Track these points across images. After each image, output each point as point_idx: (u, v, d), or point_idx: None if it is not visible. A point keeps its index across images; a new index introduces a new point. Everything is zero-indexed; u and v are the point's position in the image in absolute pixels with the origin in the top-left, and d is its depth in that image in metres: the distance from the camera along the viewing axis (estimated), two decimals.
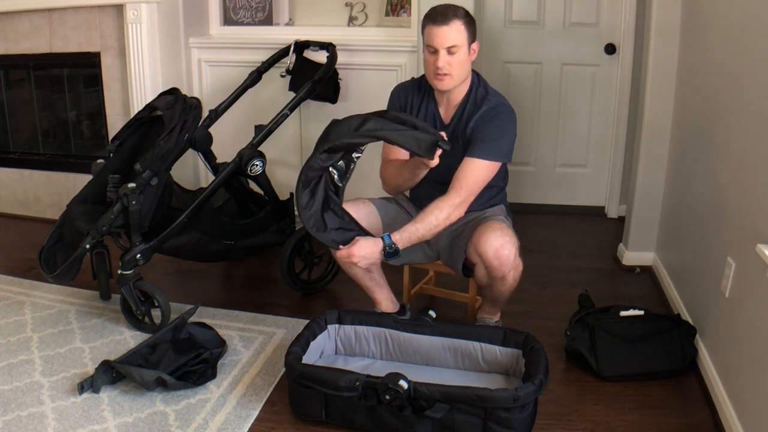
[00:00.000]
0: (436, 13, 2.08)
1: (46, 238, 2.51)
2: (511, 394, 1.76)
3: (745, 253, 1.81)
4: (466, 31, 2.07)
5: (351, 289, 2.46)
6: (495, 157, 2.09)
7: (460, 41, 2.06)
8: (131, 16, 3.12)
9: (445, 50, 2.05)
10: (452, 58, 2.06)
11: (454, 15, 2.06)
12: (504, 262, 2.06)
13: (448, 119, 2.19)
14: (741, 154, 1.94)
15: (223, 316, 2.56)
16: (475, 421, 1.79)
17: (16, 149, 3.76)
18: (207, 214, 2.52)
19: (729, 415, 1.84)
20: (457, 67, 2.08)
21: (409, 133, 1.99)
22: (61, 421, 1.92)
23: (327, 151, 2.02)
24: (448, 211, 2.07)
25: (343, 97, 3.11)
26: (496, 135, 2.08)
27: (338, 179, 2.11)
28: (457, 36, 2.05)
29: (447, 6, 2.09)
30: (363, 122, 2.02)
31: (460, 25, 2.06)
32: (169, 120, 2.38)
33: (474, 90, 2.17)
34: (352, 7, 3.48)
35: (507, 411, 1.77)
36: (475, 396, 1.76)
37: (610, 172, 3.66)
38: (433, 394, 1.79)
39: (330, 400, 1.88)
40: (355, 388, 1.83)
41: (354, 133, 2.00)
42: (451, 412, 1.79)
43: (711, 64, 2.28)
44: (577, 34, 3.51)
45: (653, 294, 2.76)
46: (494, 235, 2.07)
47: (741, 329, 1.86)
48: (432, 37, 2.07)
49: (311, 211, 2.06)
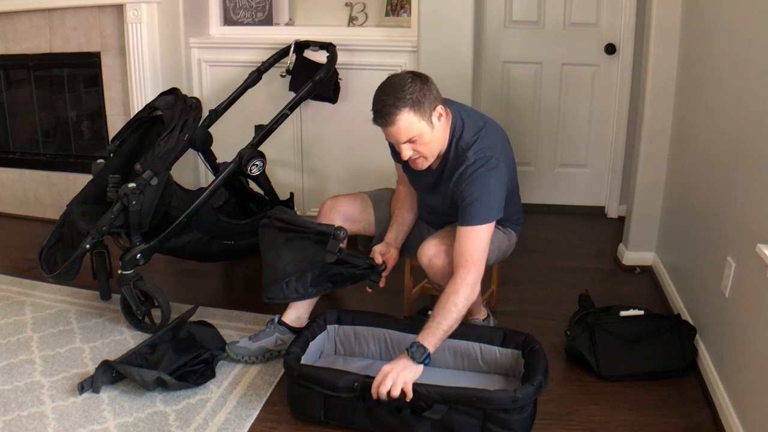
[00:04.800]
0: (377, 114, 1.88)
1: (46, 238, 2.52)
2: (509, 395, 1.76)
3: (745, 253, 1.82)
4: (417, 116, 1.86)
5: (351, 289, 2.46)
6: (486, 218, 1.94)
7: (415, 131, 1.87)
8: (131, 16, 3.12)
9: (405, 143, 1.91)
10: (416, 145, 1.91)
11: (395, 108, 1.84)
12: (437, 271, 2.01)
13: (434, 166, 2.06)
14: (741, 153, 1.93)
15: (223, 316, 2.56)
16: (473, 422, 1.78)
17: (16, 149, 3.76)
18: (207, 214, 2.52)
19: (729, 415, 1.84)
20: (425, 148, 1.93)
21: (307, 251, 2.12)
22: (61, 421, 1.92)
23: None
24: (465, 293, 1.88)
25: (343, 97, 3.11)
26: (479, 195, 1.93)
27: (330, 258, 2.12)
28: (410, 128, 1.86)
29: (386, 97, 1.86)
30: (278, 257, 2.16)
31: (407, 114, 1.85)
32: (169, 120, 2.38)
33: (455, 142, 2.00)
34: (352, 7, 3.48)
35: (506, 412, 1.77)
36: (473, 397, 1.76)
37: (610, 172, 3.66)
38: (431, 394, 1.79)
39: (329, 400, 1.88)
40: (353, 389, 1.83)
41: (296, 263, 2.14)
42: (449, 413, 1.78)
43: (711, 64, 2.28)
44: (577, 34, 3.51)
45: (653, 294, 2.76)
46: (431, 243, 2.05)
47: (741, 329, 1.86)
48: (386, 136, 1.94)
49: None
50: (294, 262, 2.13)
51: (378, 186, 2.52)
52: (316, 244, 2.12)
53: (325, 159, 3.34)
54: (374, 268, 2.17)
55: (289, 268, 2.13)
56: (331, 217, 2.27)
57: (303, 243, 2.14)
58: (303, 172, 3.38)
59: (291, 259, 2.14)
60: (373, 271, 2.17)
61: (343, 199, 2.32)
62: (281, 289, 2.17)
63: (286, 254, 2.15)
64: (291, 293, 2.19)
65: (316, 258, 2.11)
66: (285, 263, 2.14)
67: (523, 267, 2.97)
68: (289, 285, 2.17)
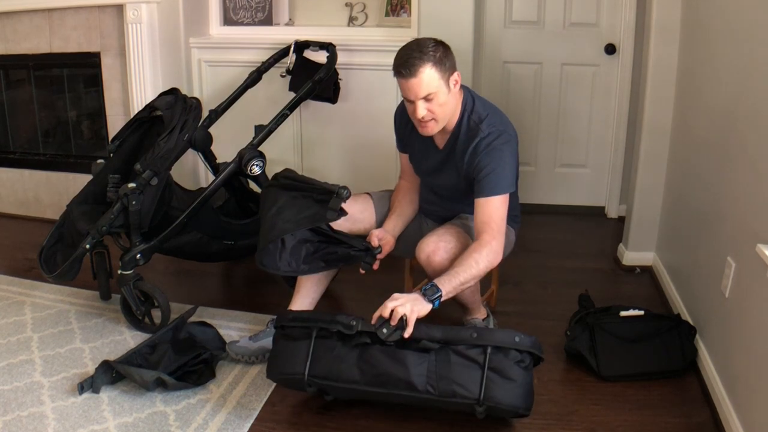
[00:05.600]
0: (401, 64, 1.91)
1: (46, 238, 2.51)
2: (512, 332, 1.76)
3: (745, 253, 1.81)
4: (438, 73, 1.90)
5: (352, 291, 2.46)
6: (504, 189, 1.98)
7: (434, 87, 1.91)
8: (131, 16, 3.12)
9: (421, 100, 1.93)
10: (431, 104, 1.94)
11: (420, 61, 1.88)
12: (436, 267, 2.01)
13: (441, 145, 2.11)
14: (741, 153, 1.94)
15: (223, 316, 2.56)
16: (474, 370, 1.74)
17: (16, 149, 3.76)
18: (207, 214, 2.52)
19: (729, 415, 1.84)
20: (439, 109, 1.96)
21: (309, 211, 2.05)
22: (61, 421, 1.92)
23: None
24: (488, 254, 1.91)
25: (343, 97, 3.11)
26: (496, 167, 1.97)
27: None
28: (430, 83, 1.90)
29: (411, 51, 1.91)
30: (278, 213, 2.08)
31: (430, 69, 1.89)
32: (169, 120, 2.38)
33: (467, 116, 2.04)
34: (352, 7, 3.48)
35: (504, 356, 1.74)
36: (474, 334, 1.75)
37: (610, 172, 3.66)
38: (433, 332, 1.76)
39: (316, 352, 1.82)
40: (351, 326, 1.81)
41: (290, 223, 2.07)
42: (448, 356, 1.75)
43: (711, 64, 2.28)
44: (577, 34, 3.51)
45: (653, 294, 2.75)
46: (430, 239, 2.05)
47: (741, 329, 1.86)
48: (404, 90, 1.95)
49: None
50: (293, 219, 2.07)
51: (378, 186, 2.52)
52: (317, 203, 2.07)
53: (325, 159, 3.34)
54: (369, 250, 2.14)
55: (288, 226, 2.07)
56: None
57: (306, 201, 2.10)
58: (303, 172, 3.37)
59: (291, 216, 2.08)
60: (368, 253, 2.14)
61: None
62: (275, 257, 2.09)
63: (287, 212, 2.10)
64: (283, 265, 2.11)
65: (317, 216, 2.04)
66: (284, 220, 2.07)
67: (523, 267, 2.97)
68: (282, 256, 2.09)
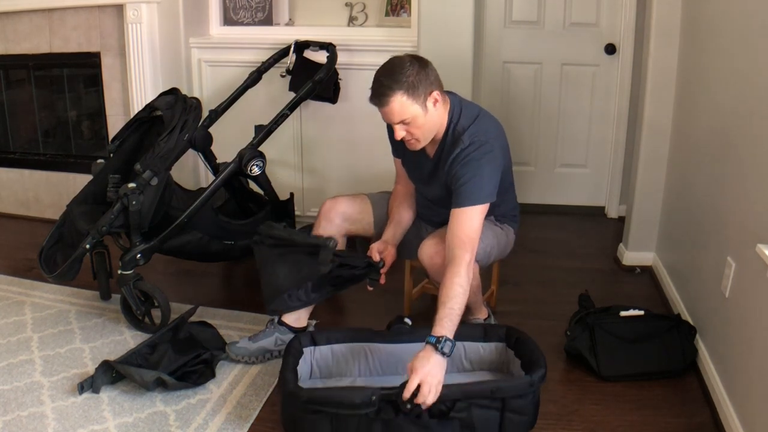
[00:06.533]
0: (372, 94, 1.90)
1: (46, 238, 2.51)
2: (526, 380, 1.79)
3: (745, 253, 1.82)
4: (410, 99, 1.87)
5: (352, 291, 2.45)
6: (479, 200, 1.94)
7: (408, 113, 1.89)
8: (131, 16, 3.12)
9: (399, 124, 1.92)
10: (410, 126, 1.93)
11: (390, 90, 1.86)
12: (438, 269, 2.00)
13: (432, 153, 2.10)
14: (741, 153, 1.94)
15: (223, 316, 2.56)
16: (493, 414, 1.78)
17: (16, 149, 3.76)
18: (207, 214, 2.52)
19: (729, 415, 1.84)
20: (418, 131, 1.94)
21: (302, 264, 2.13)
22: (61, 421, 1.92)
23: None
24: (466, 273, 1.87)
25: (343, 97, 3.11)
26: (472, 176, 1.94)
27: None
28: (402, 110, 1.88)
29: (382, 79, 1.89)
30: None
31: (401, 97, 1.86)
32: (169, 120, 2.38)
33: (452, 126, 2.02)
34: (352, 7, 3.49)
35: (522, 398, 1.78)
36: (494, 388, 1.77)
37: (610, 172, 3.66)
38: (453, 393, 1.76)
39: (340, 422, 1.76)
40: (372, 403, 1.72)
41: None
42: (469, 410, 1.77)
43: (711, 64, 2.28)
44: (577, 34, 3.51)
45: (653, 294, 2.75)
46: (431, 242, 2.06)
47: (741, 329, 1.86)
48: (381, 115, 1.94)
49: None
50: (290, 276, 2.16)
51: (378, 186, 2.52)
52: (308, 256, 2.13)
53: (325, 159, 3.34)
54: (373, 266, 2.16)
55: (287, 283, 2.16)
56: (330, 217, 2.28)
57: (295, 257, 2.16)
58: (303, 172, 3.38)
59: (286, 273, 2.17)
60: (372, 269, 2.17)
61: (343, 199, 2.33)
62: (283, 300, 2.19)
63: (281, 269, 2.18)
64: (294, 302, 2.21)
65: (312, 270, 2.12)
66: (282, 278, 2.16)
67: (523, 267, 2.97)
68: (291, 296, 2.19)
